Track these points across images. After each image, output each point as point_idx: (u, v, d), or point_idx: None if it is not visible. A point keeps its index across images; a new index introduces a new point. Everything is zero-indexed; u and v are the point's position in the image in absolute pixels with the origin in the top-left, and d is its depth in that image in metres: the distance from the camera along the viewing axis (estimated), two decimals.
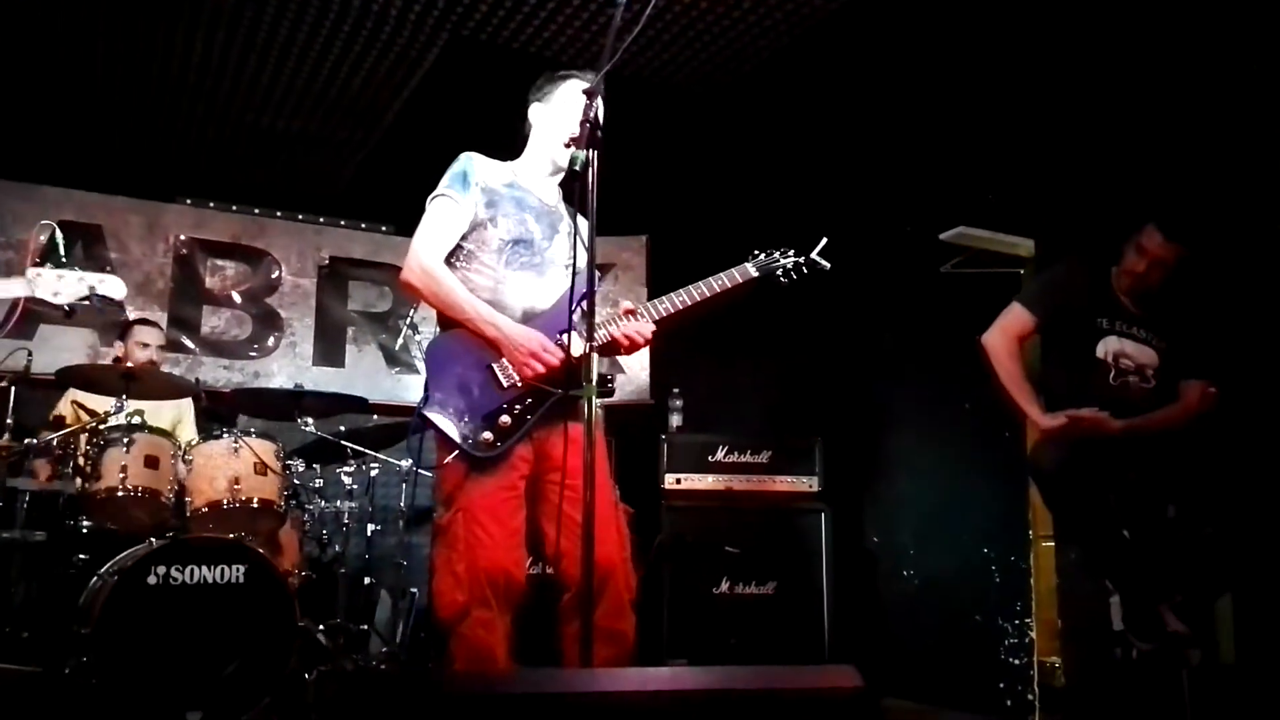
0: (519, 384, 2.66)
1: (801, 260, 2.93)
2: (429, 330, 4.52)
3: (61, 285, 2.80)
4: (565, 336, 2.60)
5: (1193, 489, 3.29)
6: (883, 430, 4.95)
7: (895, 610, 4.70)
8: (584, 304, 2.45)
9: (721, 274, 2.84)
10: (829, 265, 2.94)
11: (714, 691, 1.72)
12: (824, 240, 2.95)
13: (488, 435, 2.61)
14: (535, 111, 2.90)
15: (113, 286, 2.89)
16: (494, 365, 2.67)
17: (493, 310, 2.70)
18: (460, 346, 2.70)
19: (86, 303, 2.87)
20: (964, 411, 4.42)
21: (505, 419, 2.63)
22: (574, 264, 2.36)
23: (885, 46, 4.15)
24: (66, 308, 2.83)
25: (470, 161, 2.82)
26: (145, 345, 4.50)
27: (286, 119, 5.02)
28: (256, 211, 5.78)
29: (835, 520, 4.51)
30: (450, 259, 2.78)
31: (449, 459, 2.64)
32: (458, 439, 2.60)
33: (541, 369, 2.63)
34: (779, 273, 2.91)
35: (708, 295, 2.79)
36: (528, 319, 2.74)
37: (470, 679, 2.01)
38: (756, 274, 2.88)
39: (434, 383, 2.67)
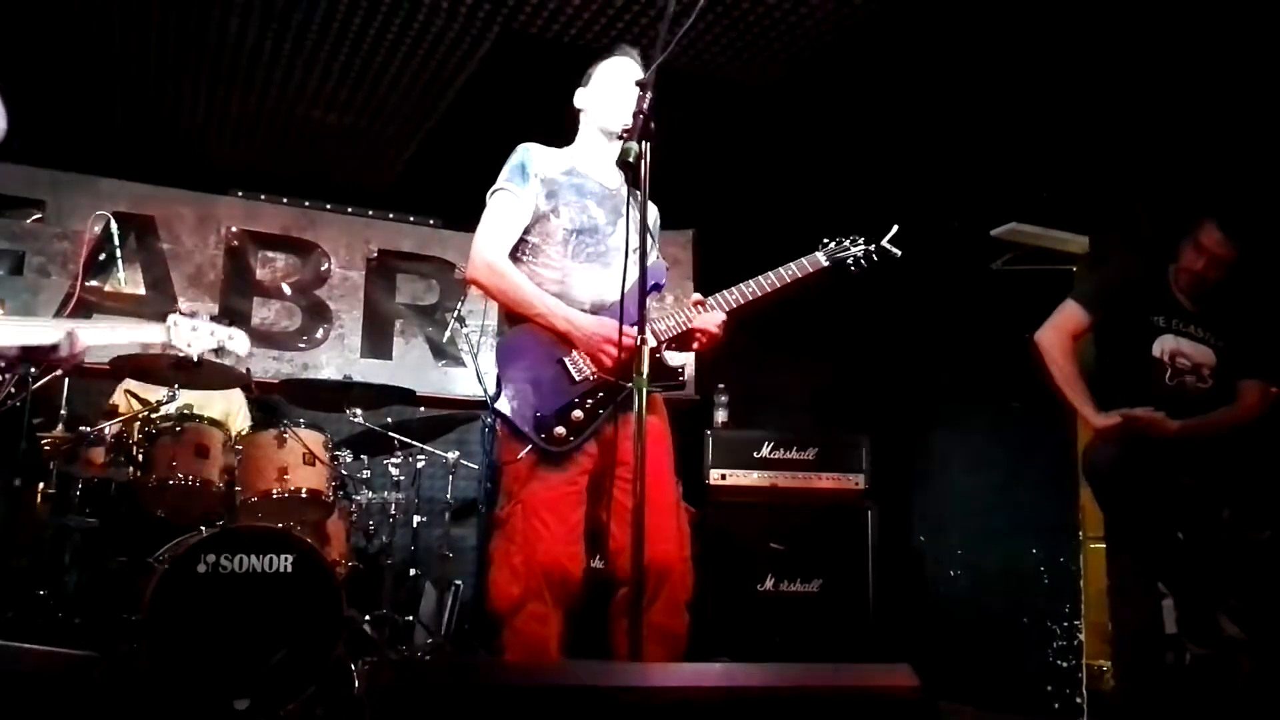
0: (591, 377, 2.66)
1: (872, 248, 2.90)
2: (476, 323, 4.51)
3: (194, 337, 2.93)
4: (635, 328, 2.58)
5: (1250, 491, 3.22)
6: (931, 428, 4.89)
7: (941, 611, 4.65)
8: (651, 295, 2.46)
9: (792, 264, 2.81)
10: (900, 253, 2.90)
11: (766, 689, 1.70)
12: (895, 228, 2.91)
13: (560, 430, 2.61)
14: (580, 97, 2.90)
15: (240, 344, 3.01)
16: (565, 360, 2.67)
17: (561, 304, 2.69)
18: (530, 342, 2.69)
19: (213, 354, 3.04)
20: (1014, 410, 4.36)
21: (578, 413, 2.63)
22: (641, 248, 2.30)
23: (935, 41, 4.09)
24: (196, 358, 2.97)
25: (527, 153, 2.81)
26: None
27: (338, 112, 5.05)
28: (306, 204, 5.83)
29: (882, 519, 4.46)
30: (516, 253, 2.78)
31: (520, 455, 2.62)
32: (531, 434, 2.59)
33: (614, 357, 2.60)
34: (849, 261, 2.88)
35: (778, 285, 2.77)
36: (596, 311, 2.73)
37: (515, 670, 2.00)
38: (827, 263, 2.85)
39: (505, 379, 2.67)
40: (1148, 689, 3.29)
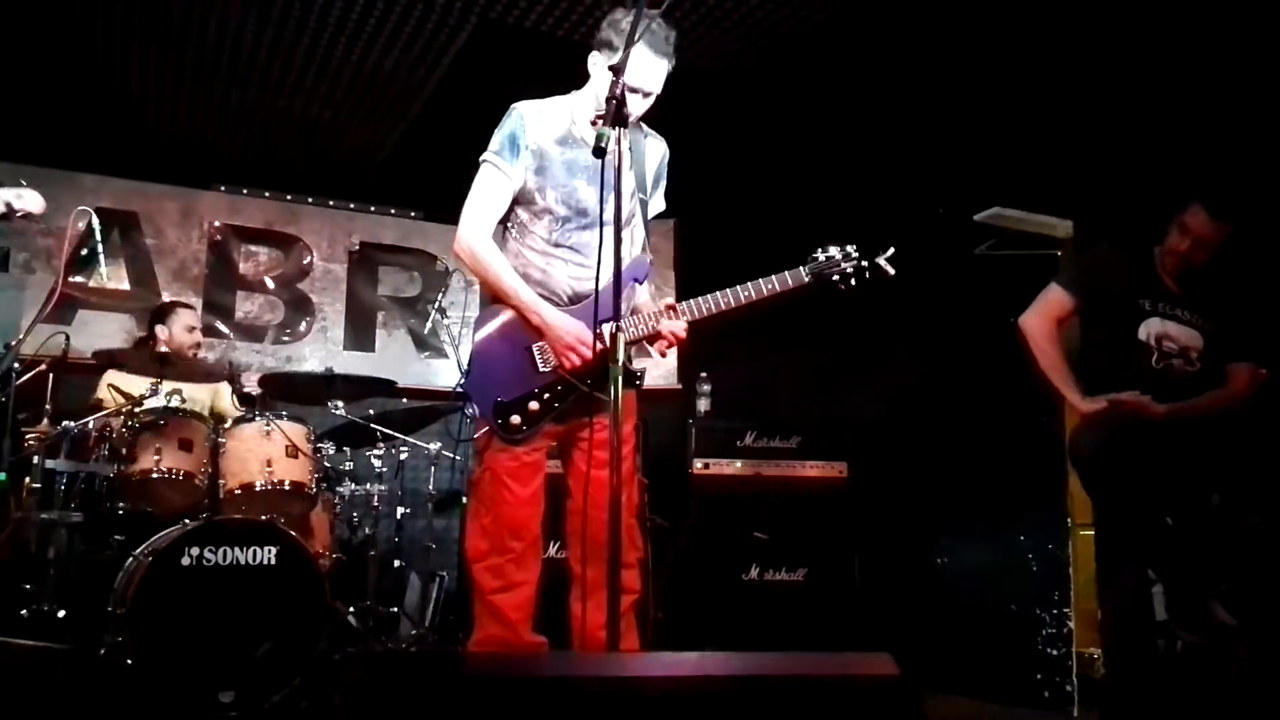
0: (554, 370, 2.73)
1: (865, 265, 2.80)
2: (457, 315, 4.51)
3: None
4: (607, 327, 2.57)
5: (1238, 475, 3.21)
6: (914, 415, 4.87)
7: (928, 599, 4.63)
8: (630, 286, 2.58)
9: (772, 277, 2.75)
10: (894, 272, 2.80)
11: (745, 678, 1.69)
12: (891, 249, 2.81)
13: (515, 419, 2.73)
14: (595, 62, 2.76)
15: (30, 200, 2.81)
16: (533, 348, 2.74)
17: (536, 298, 2.74)
18: (505, 324, 2.78)
19: (5, 221, 2.84)
20: (999, 396, 4.35)
21: (534, 405, 2.73)
22: (615, 236, 2.28)
23: (917, 24, 4.08)
24: None
25: (521, 121, 2.76)
26: (192, 329, 4.53)
27: (318, 105, 5.03)
28: (289, 198, 5.84)
29: (866, 506, 4.46)
30: (506, 224, 2.84)
31: (476, 435, 2.83)
32: (489, 419, 2.74)
33: (579, 361, 2.70)
34: (835, 278, 2.79)
35: (754, 299, 2.73)
36: (575, 302, 2.77)
37: (487, 662, 2.00)
38: (809, 279, 2.77)
39: (476, 358, 2.78)
40: (1139, 677, 3.27)
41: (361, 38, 4.36)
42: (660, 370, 5.67)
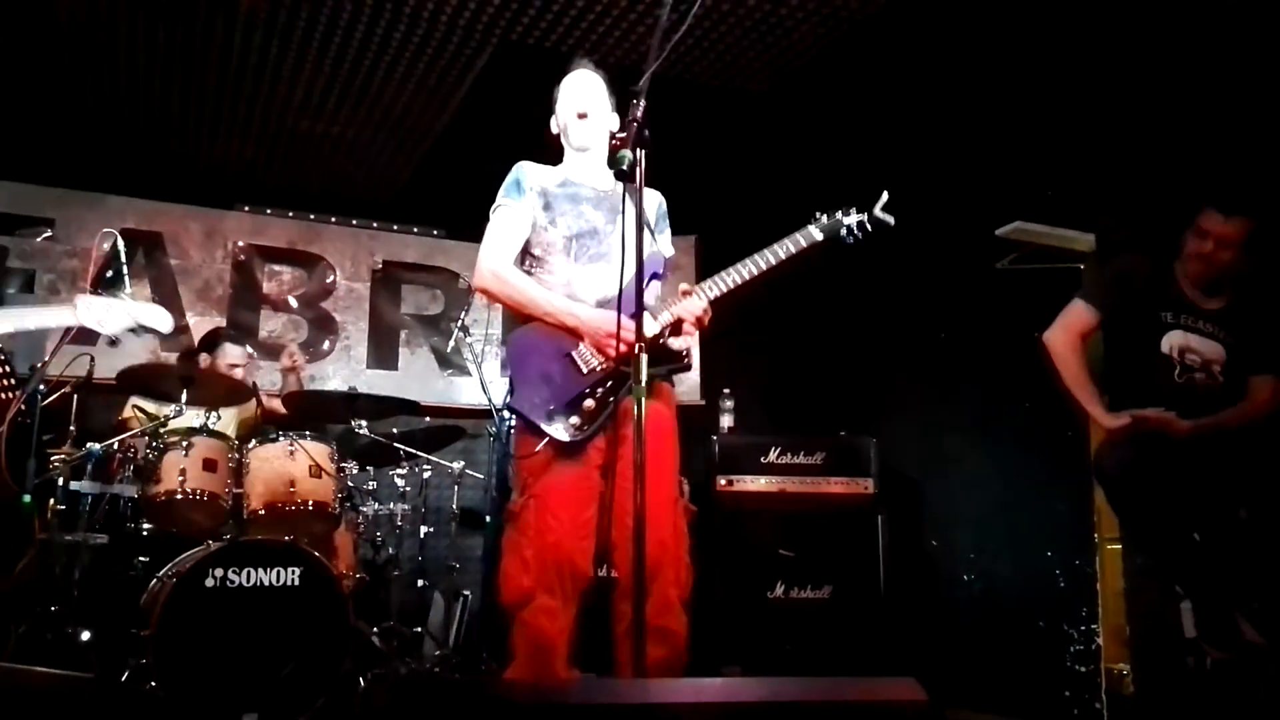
0: (599, 368, 2.71)
1: (865, 217, 2.88)
2: (480, 333, 4.53)
3: (108, 316, 2.87)
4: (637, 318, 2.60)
5: (1266, 490, 3.17)
6: (940, 430, 4.85)
7: (955, 616, 4.60)
8: (650, 283, 2.57)
9: (786, 240, 2.80)
10: (893, 220, 2.88)
11: (769, 704, 1.68)
12: (885, 195, 2.89)
13: (575, 420, 2.68)
14: (553, 124, 2.99)
15: (158, 319, 2.94)
16: (573, 353, 2.74)
17: (567, 300, 2.77)
18: (539, 338, 2.77)
19: (131, 333, 2.96)
20: (1024, 411, 4.32)
21: (590, 403, 2.69)
22: (638, 240, 2.32)
23: (935, 41, 4.08)
24: (111, 337, 2.90)
25: (521, 170, 2.90)
26: (233, 366, 4.52)
27: (341, 126, 5.07)
28: (312, 217, 5.86)
29: (892, 523, 4.43)
30: (523, 265, 2.86)
31: (537, 449, 2.68)
32: (546, 427, 2.66)
33: (623, 348, 2.60)
34: (843, 233, 2.87)
35: (773, 263, 2.76)
36: (602, 307, 2.79)
37: (513, 689, 2.00)
38: (821, 237, 2.84)
39: (518, 376, 2.77)
40: (1168, 694, 3.24)
41: (384, 59, 4.39)
42: (683, 386, 5.65)
